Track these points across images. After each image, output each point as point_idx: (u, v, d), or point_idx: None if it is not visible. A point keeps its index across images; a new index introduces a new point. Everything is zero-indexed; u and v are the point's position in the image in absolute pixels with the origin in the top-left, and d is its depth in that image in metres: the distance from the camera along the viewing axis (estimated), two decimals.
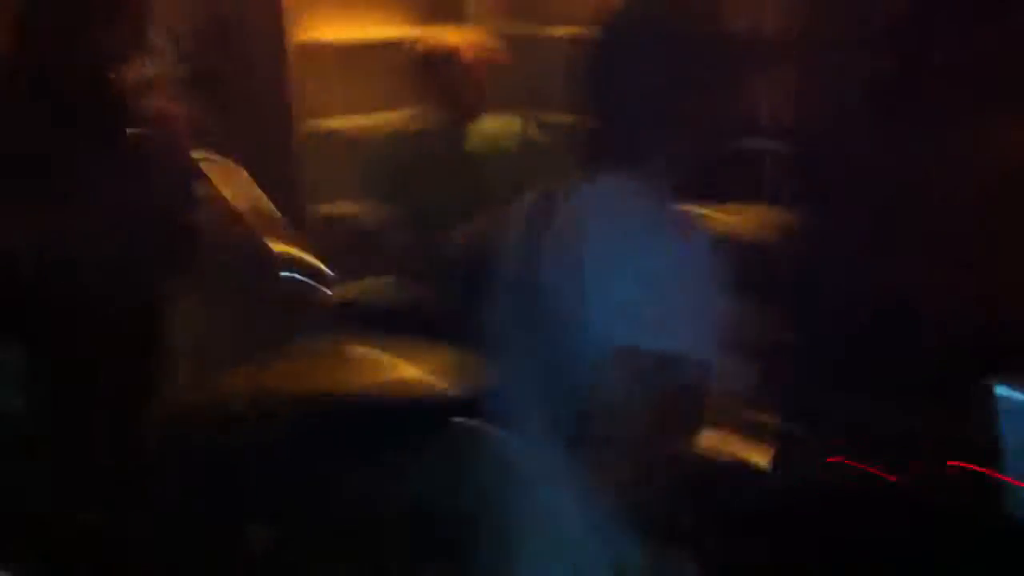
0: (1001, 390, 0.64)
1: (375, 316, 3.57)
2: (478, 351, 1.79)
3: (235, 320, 3.55)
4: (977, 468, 1.58)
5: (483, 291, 1.72)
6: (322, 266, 2.65)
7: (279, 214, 2.79)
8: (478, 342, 1.75)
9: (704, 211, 2.94)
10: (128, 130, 2.24)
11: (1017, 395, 0.65)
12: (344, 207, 3.86)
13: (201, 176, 2.32)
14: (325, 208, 3.87)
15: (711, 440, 1.75)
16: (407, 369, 2.52)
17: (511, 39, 4.11)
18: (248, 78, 3.77)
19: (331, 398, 2.51)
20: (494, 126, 3.51)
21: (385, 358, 2.57)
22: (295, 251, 2.61)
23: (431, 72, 3.37)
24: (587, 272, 1.57)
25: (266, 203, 2.75)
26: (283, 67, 3.68)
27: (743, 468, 1.88)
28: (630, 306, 1.53)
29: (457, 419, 1.78)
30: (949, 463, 1.63)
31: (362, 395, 2.50)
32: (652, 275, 1.55)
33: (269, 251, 2.44)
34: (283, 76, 3.69)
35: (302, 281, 2.58)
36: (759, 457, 1.88)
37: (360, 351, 2.65)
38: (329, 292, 2.65)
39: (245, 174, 2.59)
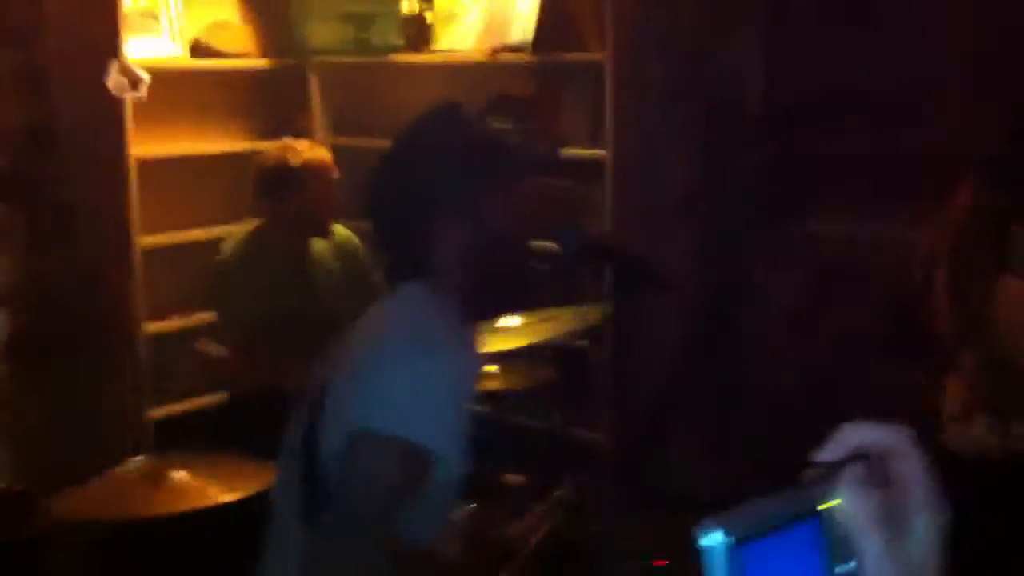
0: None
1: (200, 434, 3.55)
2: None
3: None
4: None
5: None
6: None
7: None
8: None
9: (512, 319, 3.05)
10: None
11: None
12: (179, 322, 3.82)
13: None
14: (159, 324, 3.83)
15: None
16: (217, 493, 2.53)
17: (345, 151, 4.23)
18: (83, 189, 3.75)
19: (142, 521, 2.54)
20: (336, 241, 3.53)
21: (197, 483, 2.57)
22: None
23: (277, 186, 3.36)
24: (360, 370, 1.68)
25: None
26: (123, 180, 3.66)
27: None
28: (396, 401, 1.62)
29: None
30: None
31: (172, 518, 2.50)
32: (423, 377, 1.63)
33: None
34: (123, 190, 3.67)
35: None
36: None
37: (176, 476, 2.64)
38: None
39: None
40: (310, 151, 3.44)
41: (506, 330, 3.05)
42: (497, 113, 3.74)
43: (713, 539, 0.66)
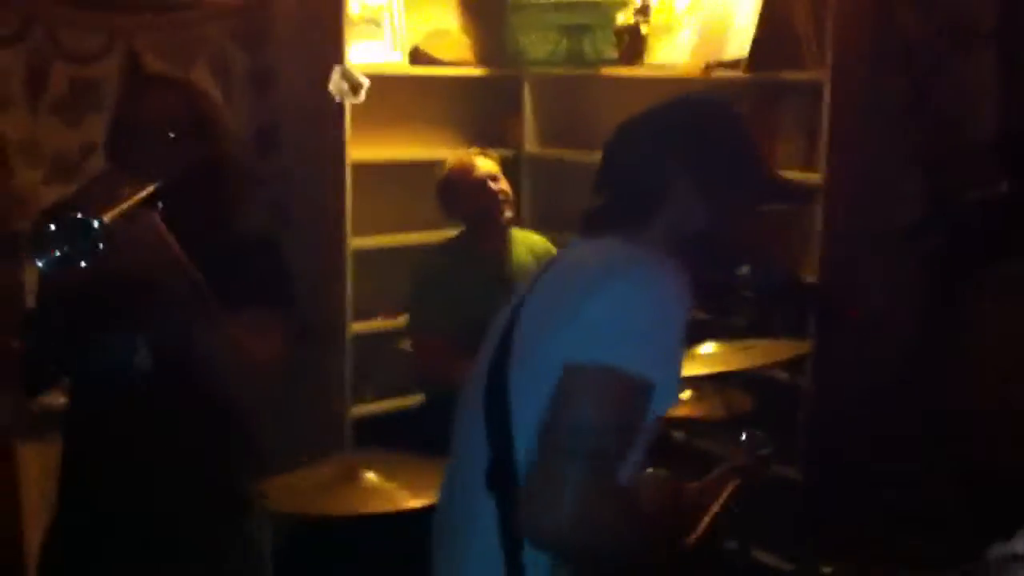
0: None
1: (396, 433, 3.64)
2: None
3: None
4: None
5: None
6: None
7: None
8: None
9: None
10: None
11: None
12: (384, 323, 3.93)
13: None
14: (364, 324, 3.94)
15: None
16: (406, 498, 2.57)
17: (547, 161, 4.24)
18: (301, 188, 3.90)
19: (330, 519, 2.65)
20: (533, 245, 3.57)
21: (387, 486, 2.62)
22: None
23: (452, 193, 3.51)
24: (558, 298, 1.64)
25: None
26: (340, 182, 3.78)
27: None
28: (612, 330, 1.56)
29: None
30: None
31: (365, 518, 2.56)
32: (638, 304, 1.58)
33: None
34: (339, 192, 3.79)
35: None
36: None
37: (368, 476, 2.70)
38: None
39: None
40: (457, 159, 3.53)
41: (702, 356, 2.99)
42: None
43: None
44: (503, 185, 3.49)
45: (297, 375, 3.83)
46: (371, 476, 2.70)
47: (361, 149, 3.86)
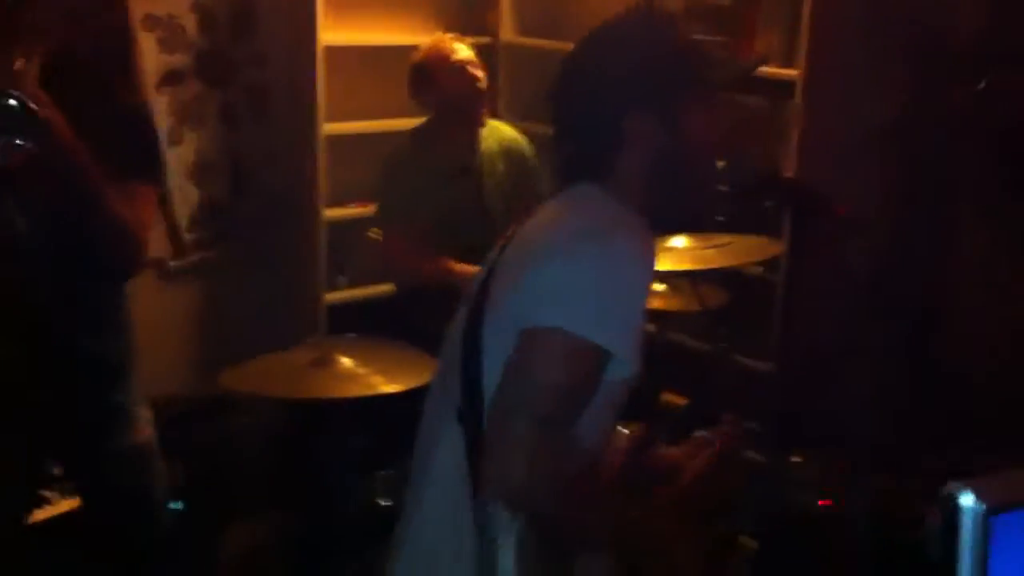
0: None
1: (369, 319, 3.64)
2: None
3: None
4: None
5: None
6: None
7: None
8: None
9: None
10: None
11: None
12: (357, 210, 3.90)
13: None
14: (338, 210, 3.92)
15: None
16: (380, 382, 2.59)
17: (524, 51, 4.18)
18: (274, 73, 3.83)
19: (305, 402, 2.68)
20: (503, 137, 3.53)
21: (362, 371, 2.64)
22: None
23: (418, 81, 3.44)
24: (529, 257, 1.63)
25: None
26: (311, 67, 3.72)
27: None
28: (563, 294, 1.55)
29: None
30: None
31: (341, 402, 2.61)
32: (597, 269, 1.56)
33: None
34: (311, 76, 3.73)
35: None
36: None
37: (343, 361, 2.72)
38: None
39: None
40: (434, 44, 3.45)
41: (675, 250, 2.99)
42: (693, 21, 3.63)
43: (964, 503, 0.61)
44: (480, 73, 3.44)
45: (272, 260, 3.85)
46: (345, 361, 2.71)
47: (335, 33, 3.79)
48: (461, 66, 3.40)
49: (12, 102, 1.75)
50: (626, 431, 1.78)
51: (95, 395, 2.24)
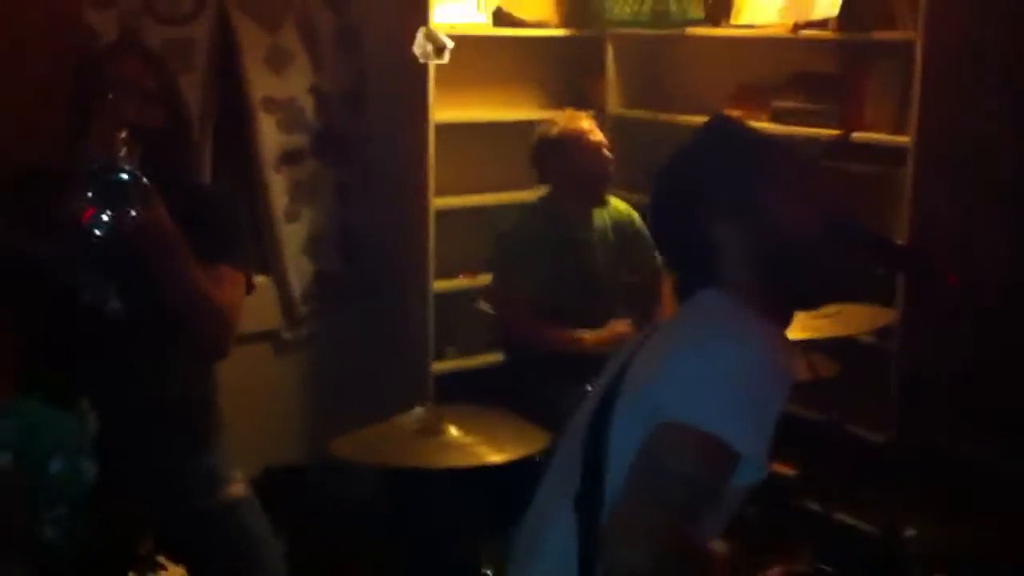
0: None
1: (476, 388, 3.67)
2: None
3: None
4: None
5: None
6: None
7: None
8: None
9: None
10: None
11: None
12: (466, 281, 3.95)
13: None
14: (446, 282, 3.97)
15: None
16: (487, 452, 2.59)
17: (631, 122, 4.21)
18: (387, 150, 3.93)
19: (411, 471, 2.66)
20: (617, 211, 3.56)
21: (469, 440, 2.65)
22: None
23: (542, 156, 3.47)
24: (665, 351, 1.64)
25: None
26: (424, 143, 3.81)
27: None
28: (702, 391, 1.55)
29: None
30: None
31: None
32: (738, 372, 1.56)
33: None
34: (423, 152, 3.82)
35: None
36: None
37: (451, 430, 2.73)
38: None
39: None
40: (571, 121, 3.48)
41: None
42: (797, 91, 3.62)
43: None
44: (611, 155, 3.47)
45: (382, 331, 3.91)
46: (453, 430, 2.73)
47: (444, 110, 3.88)
48: (597, 146, 3.44)
49: (125, 176, 1.87)
50: (719, 546, 1.76)
51: (185, 460, 2.30)
